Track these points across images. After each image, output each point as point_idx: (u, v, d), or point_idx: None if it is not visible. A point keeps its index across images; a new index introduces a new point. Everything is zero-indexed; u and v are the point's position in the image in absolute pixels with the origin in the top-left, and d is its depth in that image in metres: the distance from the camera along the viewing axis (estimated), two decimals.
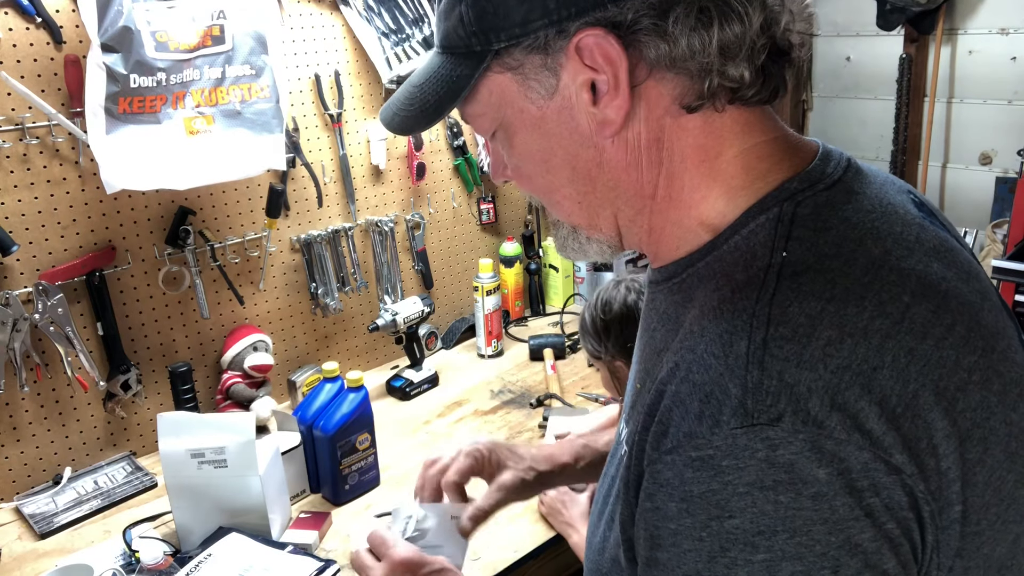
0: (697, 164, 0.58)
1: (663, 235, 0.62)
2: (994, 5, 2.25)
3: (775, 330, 0.49)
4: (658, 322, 0.62)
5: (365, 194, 1.95)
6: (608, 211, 0.62)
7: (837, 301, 0.50)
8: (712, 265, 0.57)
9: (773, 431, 0.46)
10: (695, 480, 0.48)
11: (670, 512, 0.50)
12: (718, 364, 0.50)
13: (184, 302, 1.68)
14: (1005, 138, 2.29)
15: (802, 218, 0.54)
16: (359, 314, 2.00)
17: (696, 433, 0.49)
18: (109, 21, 1.38)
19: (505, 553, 1.31)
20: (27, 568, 1.32)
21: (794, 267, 0.52)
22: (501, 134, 0.62)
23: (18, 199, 1.44)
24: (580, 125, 0.58)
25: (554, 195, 0.63)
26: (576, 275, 2.38)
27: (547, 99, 0.57)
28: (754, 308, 0.50)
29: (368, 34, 1.84)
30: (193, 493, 1.29)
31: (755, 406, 0.47)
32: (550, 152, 0.60)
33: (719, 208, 0.58)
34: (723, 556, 0.47)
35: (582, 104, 0.56)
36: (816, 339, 0.48)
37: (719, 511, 0.47)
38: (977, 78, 2.33)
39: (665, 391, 0.53)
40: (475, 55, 0.57)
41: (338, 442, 1.43)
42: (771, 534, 0.46)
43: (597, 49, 0.53)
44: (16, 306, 1.42)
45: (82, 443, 1.59)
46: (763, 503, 0.46)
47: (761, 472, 0.46)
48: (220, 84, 1.53)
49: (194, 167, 1.50)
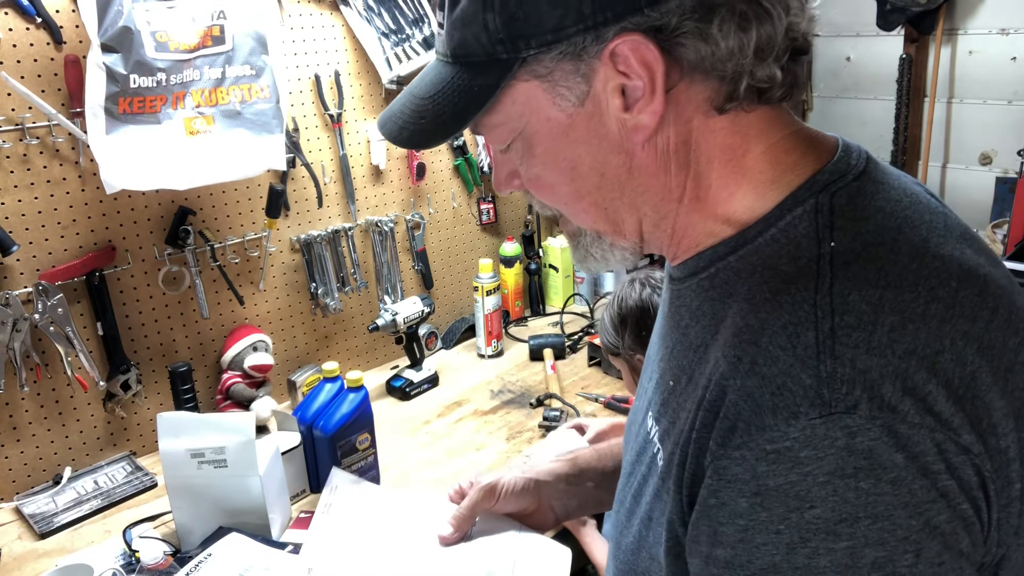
0: (725, 163, 0.58)
1: (686, 235, 0.62)
2: (994, 5, 2.25)
3: (840, 319, 0.49)
4: (690, 318, 0.62)
5: (365, 194, 1.95)
6: (634, 216, 0.62)
7: (893, 288, 0.50)
8: (748, 258, 0.57)
9: (851, 419, 0.46)
10: (771, 473, 0.48)
11: (739, 508, 0.50)
12: (786, 356, 0.49)
13: (184, 302, 1.68)
14: (1005, 138, 2.29)
15: (840, 208, 0.55)
16: (359, 314, 2.00)
17: (770, 426, 0.48)
18: (109, 21, 1.38)
19: None
20: (27, 568, 1.32)
21: (845, 256, 0.52)
22: (520, 144, 0.61)
23: (18, 199, 1.44)
24: (610, 131, 0.57)
25: (579, 203, 0.62)
26: (576, 275, 2.38)
27: (577, 106, 0.57)
28: (815, 298, 0.51)
29: (368, 34, 1.84)
30: (193, 493, 1.30)
31: (831, 395, 0.47)
32: (577, 160, 0.59)
33: (747, 203, 0.58)
34: (803, 547, 0.47)
35: (613, 110, 0.56)
36: (880, 326, 0.49)
37: (798, 502, 0.47)
38: (977, 78, 2.32)
39: (728, 386, 0.52)
40: (499, 63, 0.56)
41: (338, 442, 1.43)
42: (853, 521, 0.46)
43: (634, 55, 0.53)
44: (16, 306, 1.42)
45: (82, 443, 1.59)
46: (844, 491, 0.46)
47: (841, 460, 0.46)
48: (220, 84, 1.53)
49: (194, 167, 1.50)
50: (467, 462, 1.59)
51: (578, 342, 2.11)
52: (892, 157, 2.51)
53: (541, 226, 2.37)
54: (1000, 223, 2.27)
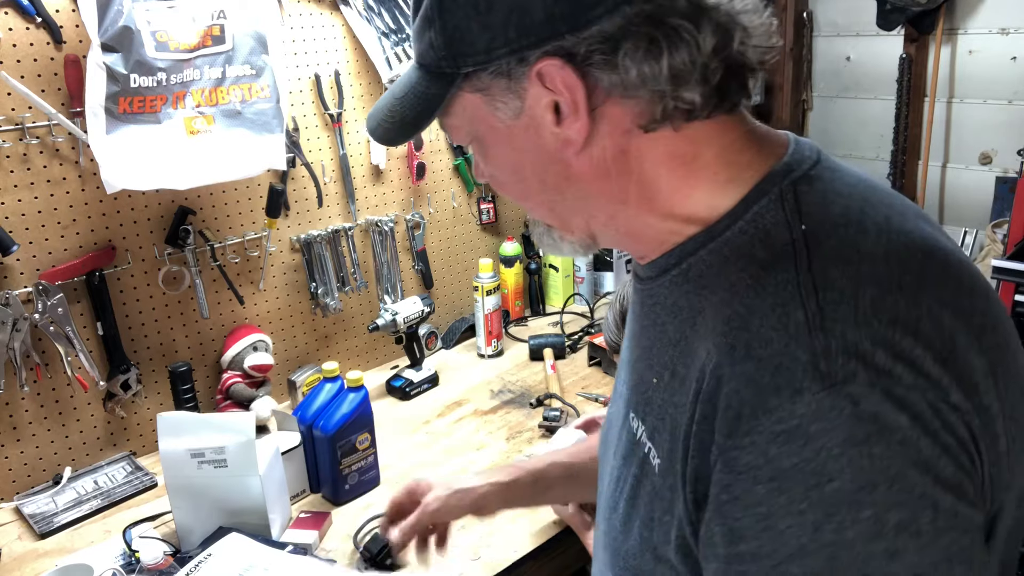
0: (673, 169, 0.60)
1: (643, 235, 0.64)
2: (994, 5, 2.25)
3: (824, 295, 0.51)
4: (666, 315, 0.63)
5: (365, 194, 1.95)
6: (580, 217, 0.65)
7: (867, 263, 0.53)
8: (719, 251, 0.59)
9: (853, 387, 0.48)
10: (784, 454, 0.48)
11: (756, 496, 0.50)
12: (779, 336, 0.51)
13: (184, 302, 1.68)
14: (1005, 138, 2.29)
15: (803, 195, 0.57)
16: (359, 314, 2.00)
17: (776, 407, 0.49)
18: (109, 21, 1.38)
19: (505, 553, 1.31)
20: (27, 568, 1.33)
21: (817, 237, 0.54)
22: (476, 145, 0.66)
23: (18, 199, 1.44)
24: (546, 143, 0.61)
25: (527, 201, 0.67)
26: (576, 275, 2.38)
27: (514, 119, 0.60)
28: (797, 278, 0.52)
29: (368, 34, 1.84)
30: (193, 493, 1.30)
31: (829, 368, 0.48)
32: (520, 165, 0.64)
33: (707, 202, 0.60)
34: (829, 522, 0.47)
35: (546, 124, 0.59)
36: (862, 298, 0.51)
37: (816, 478, 0.47)
38: (977, 78, 2.32)
39: (724, 375, 0.52)
40: (446, 75, 0.60)
41: (338, 442, 1.43)
42: (872, 488, 0.47)
43: (557, 76, 0.56)
44: (16, 306, 1.42)
45: (82, 443, 1.59)
46: (859, 459, 0.47)
47: (851, 428, 0.47)
48: (220, 84, 1.53)
49: (194, 167, 1.50)
50: (467, 462, 1.59)
51: (578, 342, 2.11)
52: (892, 157, 2.52)
53: None
54: (1000, 223, 2.27)
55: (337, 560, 1.26)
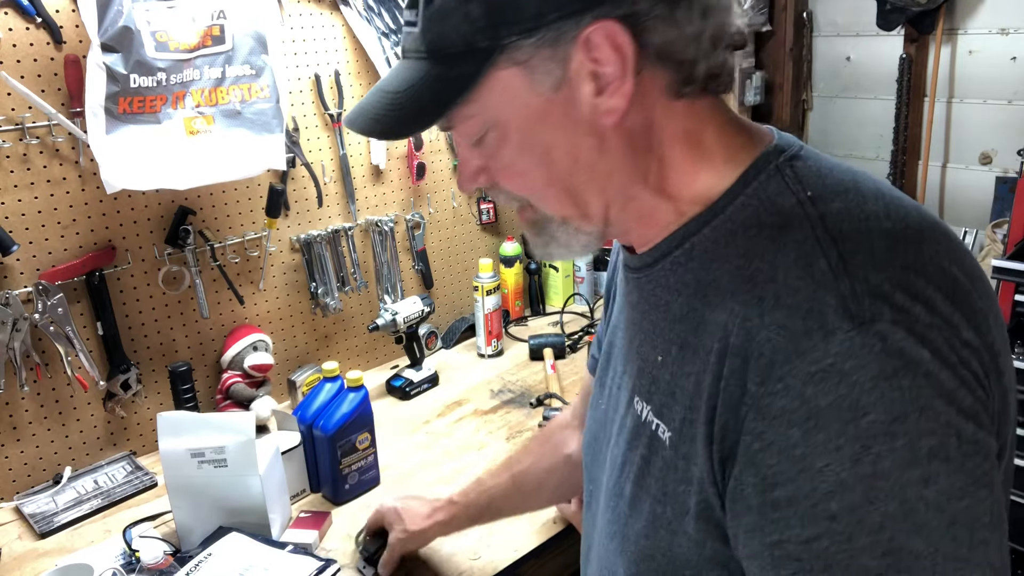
0: (686, 146, 0.62)
1: (652, 219, 0.65)
2: (994, 5, 2.25)
3: (843, 246, 0.54)
4: (670, 294, 0.64)
5: (365, 194, 1.95)
6: (602, 200, 0.64)
7: (872, 219, 0.56)
8: (723, 226, 0.61)
9: (880, 325, 0.50)
10: (819, 393, 0.50)
11: (792, 439, 0.51)
12: (806, 284, 0.53)
13: (184, 302, 1.68)
14: (1005, 138, 2.29)
15: (799, 168, 0.60)
16: (359, 314, 2.00)
17: (809, 348, 0.51)
18: (109, 21, 1.38)
19: (505, 553, 1.31)
20: (27, 568, 1.33)
21: (823, 200, 0.57)
22: (493, 134, 0.63)
23: (18, 199, 1.44)
24: (583, 115, 0.59)
25: (551, 188, 0.64)
26: (576, 275, 2.38)
27: (553, 91, 0.59)
28: (814, 234, 0.55)
29: (368, 34, 1.84)
30: (193, 493, 1.30)
31: (857, 308, 0.51)
32: (552, 144, 0.62)
33: (709, 183, 0.62)
34: (866, 454, 0.49)
35: (585, 95, 0.58)
36: (876, 247, 0.54)
37: (852, 413, 0.49)
38: (977, 78, 2.32)
39: (753, 326, 0.54)
40: (479, 52, 0.58)
41: (338, 442, 1.43)
42: (904, 418, 0.49)
43: (608, 40, 0.56)
44: (16, 306, 1.42)
45: (82, 443, 1.59)
46: (890, 391, 0.49)
47: (882, 363, 0.50)
48: (220, 84, 1.53)
49: (194, 167, 1.50)
50: (467, 462, 1.59)
51: (578, 342, 2.11)
52: (892, 157, 2.52)
53: None
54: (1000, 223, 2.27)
55: (337, 559, 1.26)
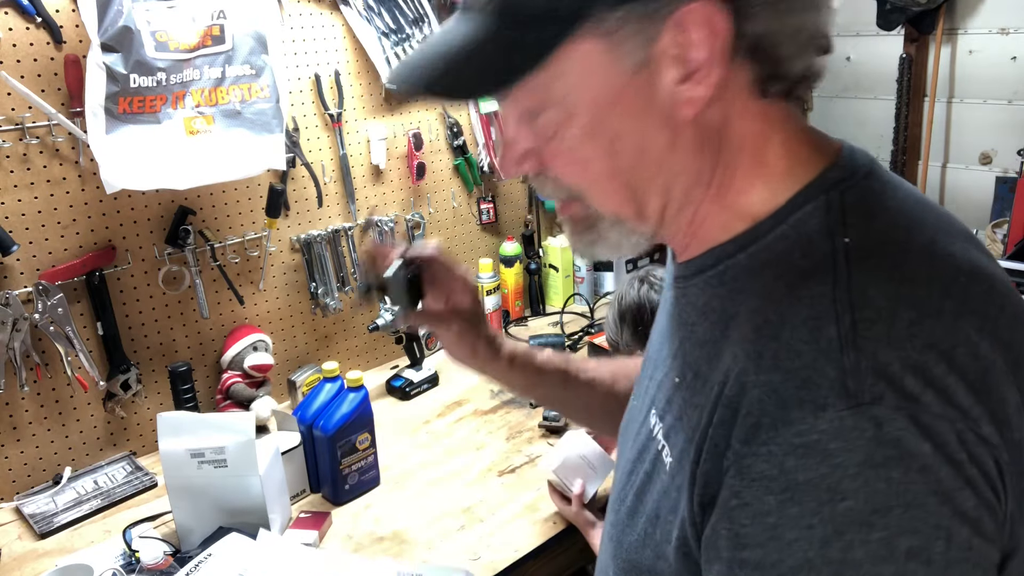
0: (751, 151, 0.58)
1: (703, 225, 0.61)
2: (994, 5, 2.25)
3: (860, 313, 0.49)
4: (697, 315, 0.61)
5: (365, 194, 1.95)
6: (660, 201, 0.59)
7: (907, 284, 0.51)
8: (758, 255, 0.57)
9: (878, 409, 0.47)
10: (800, 468, 0.47)
11: (767, 506, 0.49)
12: (810, 349, 0.49)
13: (184, 302, 1.68)
14: (1005, 138, 2.29)
15: (851, 207, 0.55)
16: (359, 314, 2.00)
17: (798, 419, 0.48)
18: (109, 21, 1.38)
19: (505, 553, 1.31)
20: (27, 568, 1.32)
21: (859, 252, 0.52)
22: (555, 113, 0.56)
23: (18, 199, 1.44)
24: (660, 104, 0.55)
25: (610, 183, 0.59)
26: (576, 275, 2.38)
27: (632, 73, 0.54)
28: (833, 293, 0.51)
29: (368, 34, 1.84)
30: (193, 493, 1.30)
31: (856, 387, 0.47)
32: (621, 132, 0.56)
33: (763, 196, 0.58)
34: (838, 540, 0.47)
35: (667, 81, 0.54)
36: (899, 320, 0.49)
37: (830, 495, 0.47)
38: (977, 78, 2.32)
39: (748, 382, 0.51)
40: (559, 19, 0.52)
41: (338, 442, 1.43)
42: (886, 511, 0.46)
43: (703, 22, 0.51)
44: (16, 306, 1.42)
45: (82, 443, 1.59)
46: (875, 481, 0.46)
47: (871, 451, 0.46)
48: (220, 84, 1.53)
49: (194, 167, 1.50)
50: (467, 461, 1.59)
51: (578, 342, 2.11)
52: (892, 157, 2.52)
53: (541, 226, 2.37)
54: (1000, 223, 2.27)
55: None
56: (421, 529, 1.38)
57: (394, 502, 1.47)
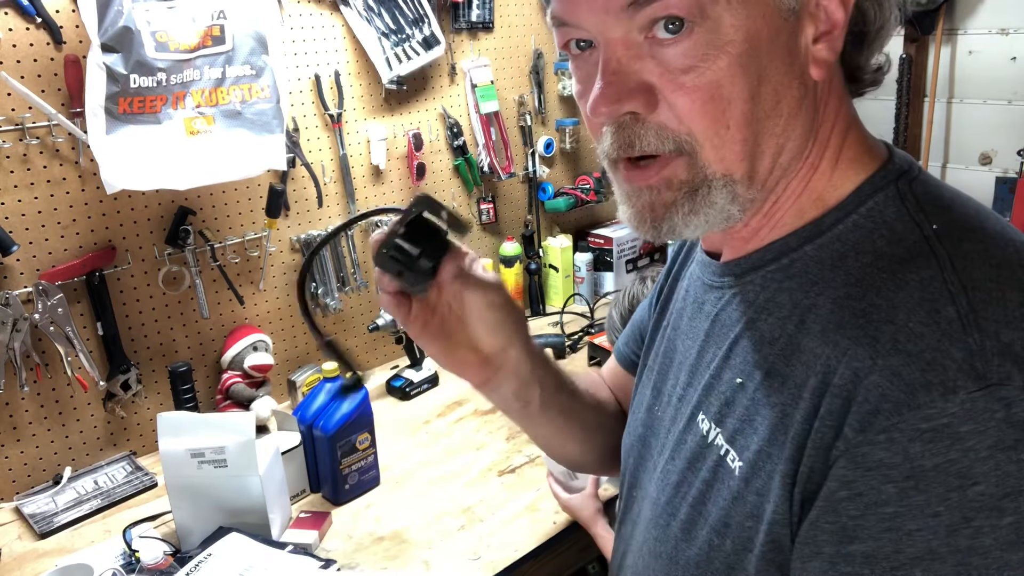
0: (838, 134, 0.59)
1: (779, 209, 0.60)
2: (994, 5, 2.25)
3: (973, 295, 0.49)
4: (757, 312, 0.60)
5: (365, 194, 1.95)
6: (770, 162, 0.57)
7: (1003, 267, 0.51)
8: (830, 246, 0.56)
9: (1007, 390, 0.46)
10: (927, 453, 0.46)
11: (884, 495, 0.47)
12: (931, 331, 0.48)
13: (184, 302, 1.68)
14: (1005, 138, 2.29)
15: (921, 196, 0.56)
16: (359, 314, 2.00)
17: (925, 403, 0.47)
18: (109, 21, 1.38)
19: (505, 553, 1.31)
20: (27, 568, 1.33)
21: (952, 238, 0.52)
22: (706, 36, 0.52)
23: (18, 199, 1.44)
24: (800, 57, 0.55)
25: (740, 131, 0.54)
26: (576, 275, 2.38)
27: (786, 18, 0.53)
28: (942, 276, 0.50)
29: (368, 34, 1.84)
30: (193, 493, 1.30)
31: (985, 368, 0.47)
32: (768, 76, 0.54)
33: (835, 182, 0.58)
34: (966, 526, 0.45)
35: (808, 34, 0.55)
36: (1009, 300, 0.49)
37: (960, 480, 0.45)
38: (977, 78, 2.33)
39: (862, 368, 0.49)
40: None
41: (338, 442, 1.43)
42: (1017, 495, 0.45)
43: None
44: (16, 306, 1.42)
45: (82, 443, 1.59)
46: (1007, 464, 0.45)
47: (1001, 433, 0.45)
48: (220, 84, 1.53)
49: (194, 167, 1.50)
50: (467, 461, 1.59)
51: (578, 342, 2.11)
52: None
53: (541, 226, 2.37)
54: None
55: (337, 560, 1.26)
56: (421, 529, 1.38)
57: (394, 502, 1.47)
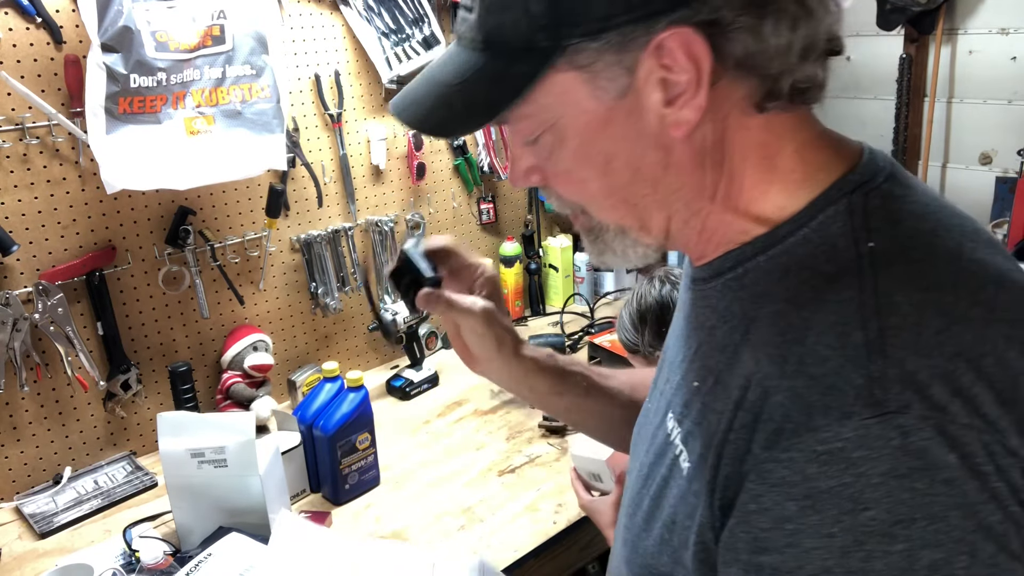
0: (758, 162, 0.58)
1: (714, 235, 0.61)
2: (994, 5, 2.25)
3: (887, 320, 0.49)
4: (717, 319, 0.61)
5: (365, 194, 1.95)
6: (663, 214, 0.60)
7: (935, 290, 0.50)
8: (778, 259, 0.57)
9: (904, 419, 0.46)
10: (822, 475, 0.47)
11: (787, 512, 0.48)
12: (836, 355, 0.49)
13: (184, 302, 1.68)
14: (1005, 138, 2.29)
15: (874, 210, 0.55)
16: (359, 314, 2.00)
17: (822, 426, 0.47)
18: (109, 21, 1.38)
19: (505, 553, 1.31)
20: (27, 568, 1.33)
21: (885, 257, 0.52)
22: (549, 137, 0.58)
23: (18, 199, 1.44)
24: (649, 126, 0.55)
25: (609, 199, 0.60)
26: (576, 275, 2.38)
27: (617, 99, 0.55)
28: (860, 297, 0.50)
29: (368, 34, 1.84)
30: (193, 493, 1.30)
31: (884, 395, 0.47)
32: (613, 155, 0.57)
33: (778, 202, 0.57)
34: (858, 550, 0.46)
35: (653, 104, 0.54)
36: (927, 327, 0.48)
37: (852, 504, 0.46)
38: (977, 78, 2.32)
39: (771, 387, 0.51)
40: (538, 51, 0.53)
41: (338, 442, 1.43)
42: (909, 523, 0.45)
43: (682, 48, 0.51)
44: (16, 306, 1.42)
45: (82, 443, 1.59)
46: (899, 492, 0.45)
47: (895, 461, 0.45)
48: (220, 84, 1.53)
49: (194, 167, 1.50)
50: (467, 461, 1.59)
51: (578, 342, 2.11)
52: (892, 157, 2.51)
53: (541, 226, 2.37)
54: (1000, 223, 2.27)
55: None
56: (421, 529, 1.38)
57: (394, 502, 1.47)
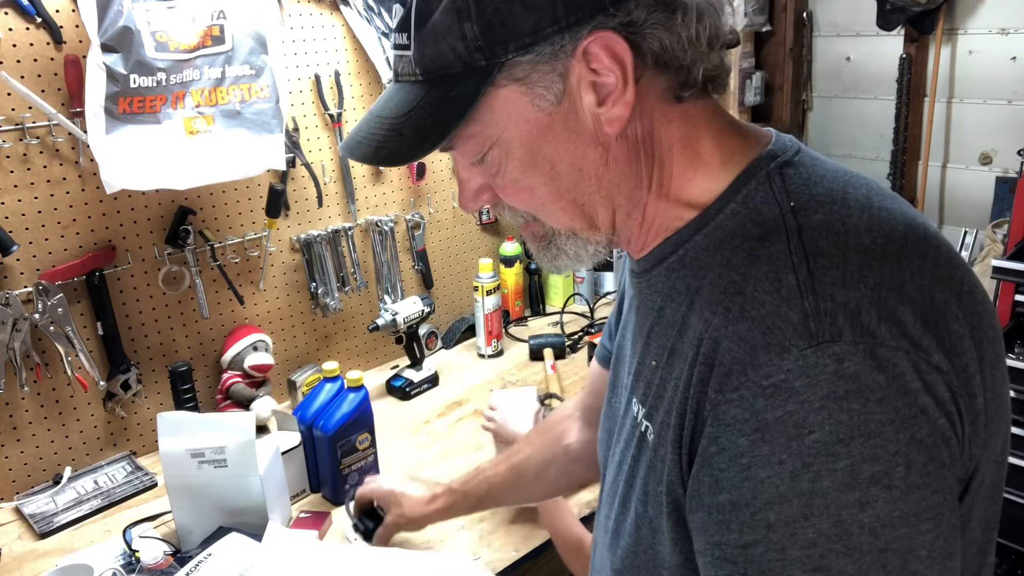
0: (683, 151, 0.63)
1: (653, 224, 0.66)
2: (994, 5, 2.26)
3: (814, 261, 0.54)
4: (663, 300, 0.65)
5: (365, 194, 1.95)
6: (608, 209, 0.65)
7: (852, 234, 0.56)
8: (713, 234, 0.61)
9: (837, 346, 0.51)
10: (769, 407, 0.51)
11: (740, 448, 0.52)
12: (772, 298, 0.54)
13: (184, 302, 1.68)
14: (1005, 138, 2.30)
15: (789, 176, 0.61)
16: (359, 314, 2.00)
17: (765, 362, 0.52)
18: (109, 21, 1.38)
19: (505, 553, 1.31)
20: (27, 568, 1.33)
21: (805, 212, 0.58)
22: (496, 152, 0.62)
23: (18, 199, 1.44)
24: (586, 126, 0.60)
25: (558, 202, 0.64)
26: (576, 275, 2.38)
27: (554, 105, 0.59)
28: (788, 247, 0.56)
29: (368, 34, 1.84)
30: (193, 493, 1.30)
31: (817, 327, 0.52)
32: (557, 158, 0.62)
33: (704, 186, 0.63)
34: (806, 471, 0.50)
35: (587, 105, 0.59)
36: (850, 264, 0.54)
37: (798, 430, 0.50)
38: (977, 78, 2.33)
39: (720, 335, 0.55)
40: (478, 71, 0.58)
41: (338, 442, 1.43)
42: (848, 441, 0.50)
43: (605, 51, 0.56)
44: (16, 306, 1.42)
45: (82, 443, 1.59)
46: (838, 413, 0.50)
47: (832, 385, 0.50)
48: (220, 84, 1.53)
49: (194, 167, 1.50)
50: (467, 461, 1.59)
51: (578, 342, 2.11)
52: (892, 157, 2.52)
53: None
54: (1000, 223, 2.27)
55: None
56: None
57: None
